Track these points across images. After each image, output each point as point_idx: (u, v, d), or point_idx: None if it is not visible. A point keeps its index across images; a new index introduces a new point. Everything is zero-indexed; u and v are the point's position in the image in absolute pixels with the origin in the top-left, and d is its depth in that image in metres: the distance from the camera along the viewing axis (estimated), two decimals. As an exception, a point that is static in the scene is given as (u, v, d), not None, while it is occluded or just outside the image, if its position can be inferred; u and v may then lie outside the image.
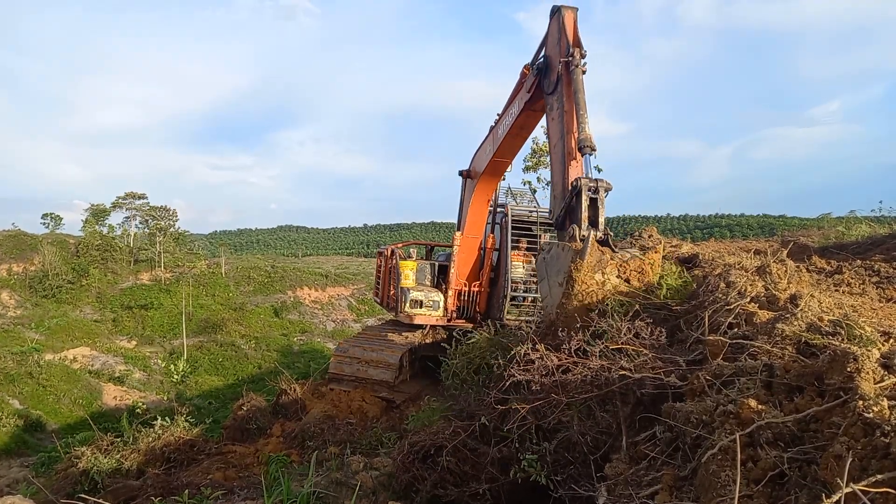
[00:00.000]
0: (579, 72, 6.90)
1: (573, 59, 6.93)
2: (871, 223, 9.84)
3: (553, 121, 7.43)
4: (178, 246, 68.08)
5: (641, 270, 5.36)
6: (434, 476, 4.58)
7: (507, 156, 11.10)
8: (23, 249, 58.03)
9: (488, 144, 11.03)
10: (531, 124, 9.77)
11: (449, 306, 12.27)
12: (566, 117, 6.94)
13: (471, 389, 6.12)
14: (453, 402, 6.32)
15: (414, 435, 5.38)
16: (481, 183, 11.71)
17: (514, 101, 9.49)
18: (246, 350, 48.05)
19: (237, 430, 10.85)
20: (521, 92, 9.00)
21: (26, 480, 14.20)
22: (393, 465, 5.32)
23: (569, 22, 7.32)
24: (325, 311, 60.73)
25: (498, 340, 6.76)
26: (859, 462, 2.08)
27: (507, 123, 9.91)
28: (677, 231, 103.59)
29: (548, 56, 7.87)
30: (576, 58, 6.93)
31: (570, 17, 7.36)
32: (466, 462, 4.55)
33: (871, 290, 5.41)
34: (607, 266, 5.31)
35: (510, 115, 9.71)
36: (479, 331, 7.60)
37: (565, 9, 7.40)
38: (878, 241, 7.64)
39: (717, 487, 2.37)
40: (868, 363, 2.52)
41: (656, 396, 3.52)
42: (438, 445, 4.74)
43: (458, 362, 6.92)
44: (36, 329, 44.42)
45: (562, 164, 6.85)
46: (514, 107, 9.50)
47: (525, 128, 9.88)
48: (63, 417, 31.30)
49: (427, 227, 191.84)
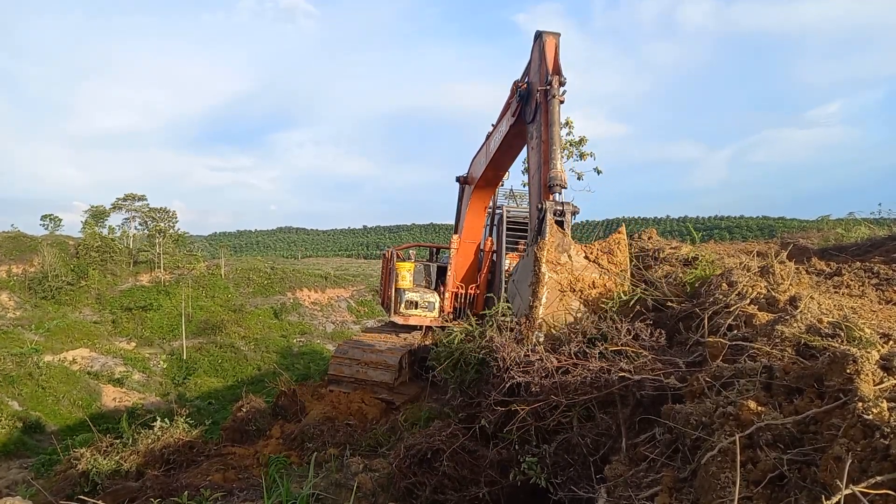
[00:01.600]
0: (556, 102, 6.74)
1: (551, 87, 6.77)
2: (870, 225, 9.85)
3: (532, 150, 7.23)
4: (178, 247, 68.12)
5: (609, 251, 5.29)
6: (433, 481, 4.56)
7: (501, 169, 11.00)
8: (22, 251, 58.05)
9: (482, 155, 10.96)
10: (519, 144, 9.50)
11: (446, 308, 12.31)
12: (544, 147, 6.75)
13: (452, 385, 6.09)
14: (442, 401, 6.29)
15: (410, 438, 5.35)
16: (478, 191, 11.69)
17: (503, 118, 9.29)
18: (245, 351, 48.06)
19: (236, 431, 10.83)
20: (507, 115, 8.82)
21: (25, 482, 14.19)
22: (389, 470, 5.29)
23: (549, 48, 7.12)
24: (325, 312, 60.77)
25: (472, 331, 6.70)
26: (859, 464, 2.08)
27: (497, 140, 9.74)
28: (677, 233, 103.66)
29: (530, 83, 7.65)
30: (554, 87, 6.76)
31: (552, 43, 7.15)
32: (465, 466, 4.53)
33: (870, 291, 5.41)
34: (571, 247, 5.29)
35: (500, 132, 9.51)
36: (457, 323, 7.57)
37: (546, 34, 7.19)
38: (878, 242, 7.65)
39: (717, 489, 2.37)
40: (867, 365, 2.52)
41: (656, 398, 3.52)
42: (435, 449, 4.71)
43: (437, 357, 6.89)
44: (35, 330, 44.41)
45: (539, 196, 6.59)
46: (502, 124, 9.31)
47: (514, 147, 9.67)
48: (62, 419, 31.30)
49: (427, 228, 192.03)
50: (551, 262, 5.18)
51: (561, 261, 5.22)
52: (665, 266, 7.54)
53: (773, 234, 27.97)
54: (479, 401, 4.81)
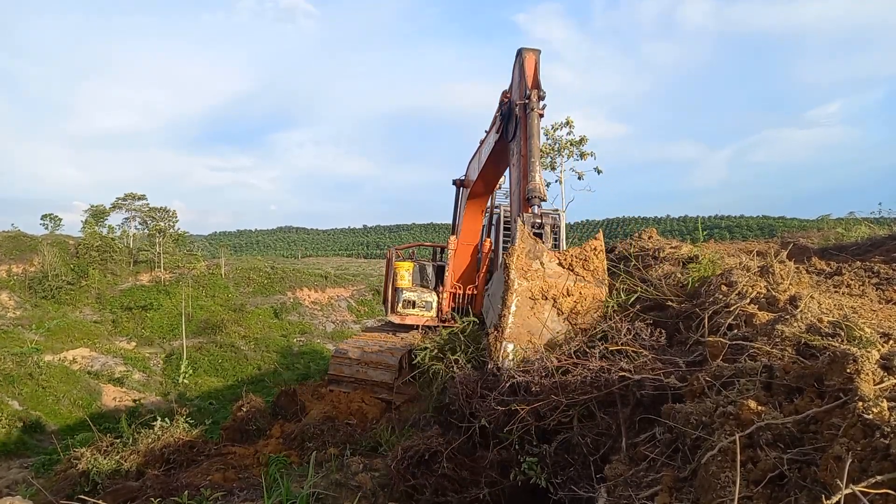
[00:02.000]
0: (535, 115, 6.81)
1: (530, 101, 6.83)
2: (870, 224, 9.86)
3: (513, 167, 7.29)
4: (178, 247, 68.10)
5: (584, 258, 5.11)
6: (432, 482, 4.54)
7: (490, 181, 11.10)
8: (22, 250, 58.05)
9: (475, 162, 11.01)
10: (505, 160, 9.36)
11: (444, 307, 12.34)
12: (523, 161, 6.80)
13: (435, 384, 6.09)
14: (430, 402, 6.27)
15: (407, 440, 5.30)
16: (473, 197, 11.75)
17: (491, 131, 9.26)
18: (245, 351, 48.04)
19: (237, 431, 10.83)
20: (491, 133, 8.86)
21: (26, 482, 14.20)
22: (388, 472, 5.23)
23: (529, 64, 7.20)
24: (325, 312, 60.74)
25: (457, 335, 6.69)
26: (859, 463, 2.08)
27: (485, 151, 9.77)
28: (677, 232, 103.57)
29: (511, 101, 7.68)
30: (532, 100, 6.82)
31: (531, 59, 7.24)
32: (464, 467, 4.52)
33: (870, 291, 5.41)
34: (543, 254, 5.10)
35: (488, 143, 9.54)
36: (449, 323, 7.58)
37: (526, 51, 7.28)
38: (878, 242, 7.65)
39: (717, 489, 2.37)
40: (868, 364, 2.52)
41: (656, 398, 3.52)
42: (433, 451, 4.67)
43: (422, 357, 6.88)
44: (35, 330, 44.39)
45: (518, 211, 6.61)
46: (489, 138, 9.33)
47: (501, 161, 9.61)
48: (62, 418, 31.28)
49: (427, 227, 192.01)
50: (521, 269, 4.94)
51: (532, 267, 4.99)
52: (665, 265, 7.54)
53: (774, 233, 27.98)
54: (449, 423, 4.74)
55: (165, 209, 70.05)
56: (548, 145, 24.63)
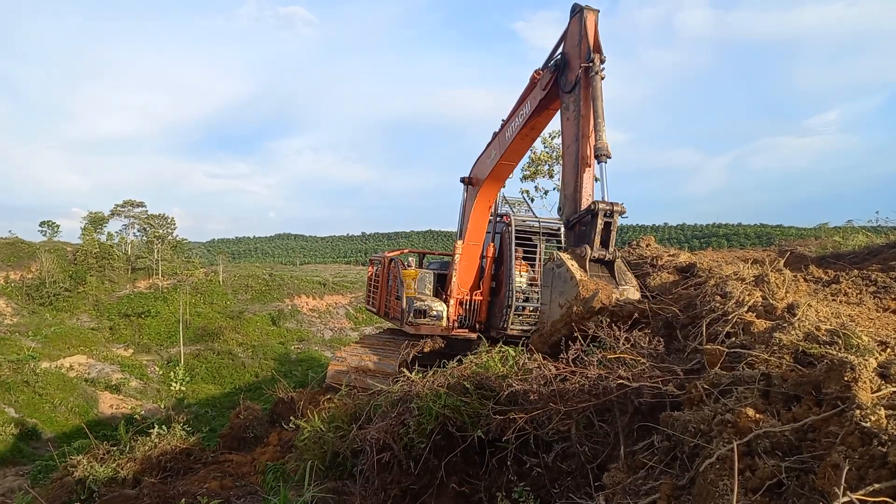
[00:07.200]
0: (598, 78, 6.93)
1: (593, 64, 6.95)
2: (867, 233, 9.89)
3: (568, 121, 7.42)
4: (176, 254, 68.00)
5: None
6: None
7: (514, 159, 11.13)
8: (20, 257, 57.93)
9: (493, 149, 11.04)
10: (542, 124, 9.72)
11: (451, 315, 12.22)
12: (582, 121, 6.99)
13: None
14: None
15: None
16: (483, 189, 11.74)
17: (525, 101, 9.45)
18: (243, 358, 47.87)
19: (234, 438, 10.80)
20: (536, 90, 8.90)
21: (22, 489, 14.11)
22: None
23: (590, 24, 7.26)
24: (323, 319, 60.59)
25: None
26: (857, 471, 2.08)
27: (516, 125, 9.85)
28: (675, 240, 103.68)
29: (566, 53, 7.76)
30: (596, 63, 6.95)
31: (592, 19, 7.29)
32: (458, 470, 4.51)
33: (868, 299, 5.43)
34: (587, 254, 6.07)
35: (521, 115, 9.66)
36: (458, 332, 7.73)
37: (588, 10, 7.31)
38: (875, 250, 7.67)
39: (715, 497, 2.37)
40: (865, 372, 2.53)
41: (654, 405, 3.52)
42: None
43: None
44: (33, 337, 44.21)
45: (574, 167, 6.94)
46: (525, 107, 9.47)
47: (535, 128, 9.83)
48: (59, 426, 31.12)
49: (425, 235, 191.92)
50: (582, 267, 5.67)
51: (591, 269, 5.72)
52: (663, 273, 7.55)
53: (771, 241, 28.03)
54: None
55: (164, 216, 70.04)
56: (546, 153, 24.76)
